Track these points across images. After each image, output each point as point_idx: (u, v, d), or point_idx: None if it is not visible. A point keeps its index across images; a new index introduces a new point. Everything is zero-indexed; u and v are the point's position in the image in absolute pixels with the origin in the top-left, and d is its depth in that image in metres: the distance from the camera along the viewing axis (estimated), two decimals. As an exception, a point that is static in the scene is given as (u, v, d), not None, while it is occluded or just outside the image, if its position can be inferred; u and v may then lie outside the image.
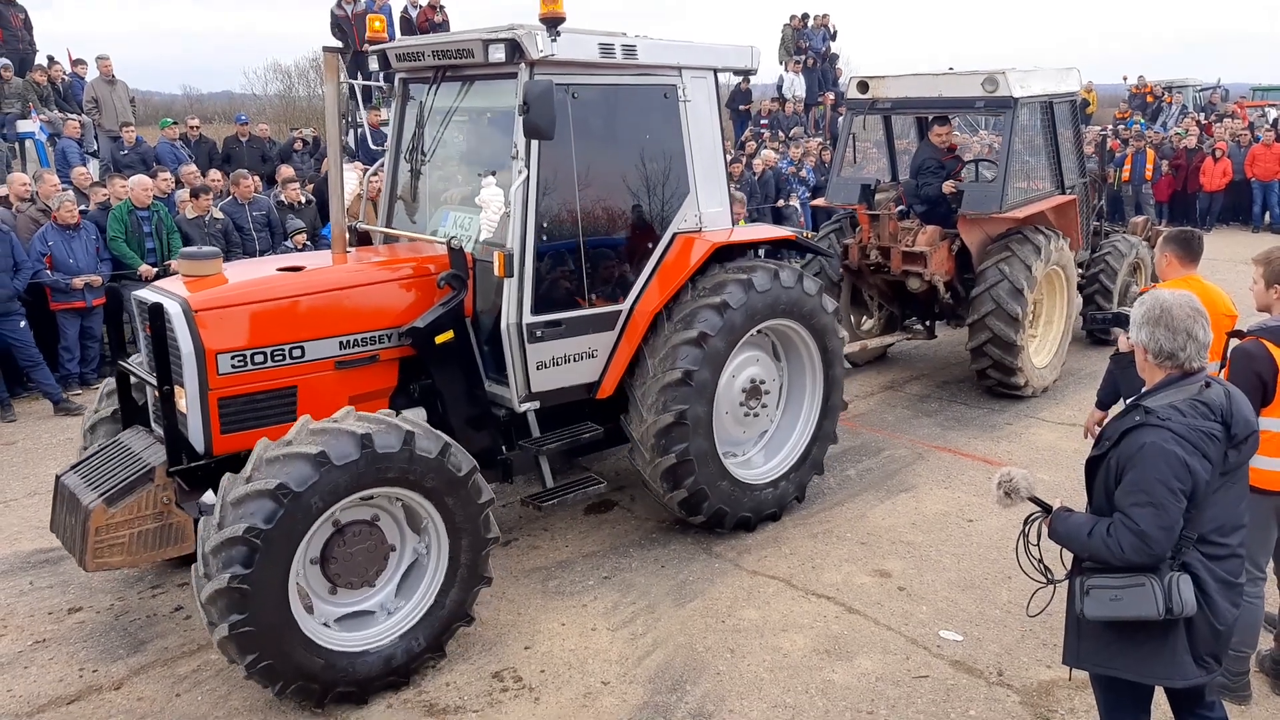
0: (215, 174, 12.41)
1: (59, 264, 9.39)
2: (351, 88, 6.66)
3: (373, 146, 7.55)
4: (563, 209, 5.67)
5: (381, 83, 6.74)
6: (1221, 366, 5.23)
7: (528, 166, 5.37)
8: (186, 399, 4.85)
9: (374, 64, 6.29)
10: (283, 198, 11.54)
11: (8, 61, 14.07)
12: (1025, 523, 3.63)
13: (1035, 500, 3.50)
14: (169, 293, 4.98)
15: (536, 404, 5.73)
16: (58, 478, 5.10)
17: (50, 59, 15.22)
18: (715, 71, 6.34)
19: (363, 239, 6.63)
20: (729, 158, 14.53)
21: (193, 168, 12.01)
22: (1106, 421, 3.44)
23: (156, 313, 4.76)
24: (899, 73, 9.71)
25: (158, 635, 5.34)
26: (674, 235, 6.16)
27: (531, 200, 5.43)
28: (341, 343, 5.24)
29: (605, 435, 6.18)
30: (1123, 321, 4.26)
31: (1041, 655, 5.04)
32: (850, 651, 5.12)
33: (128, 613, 5.58)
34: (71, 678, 4.97)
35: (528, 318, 5.50)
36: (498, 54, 5.31)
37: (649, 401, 5.89)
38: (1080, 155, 10.42)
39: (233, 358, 4.88)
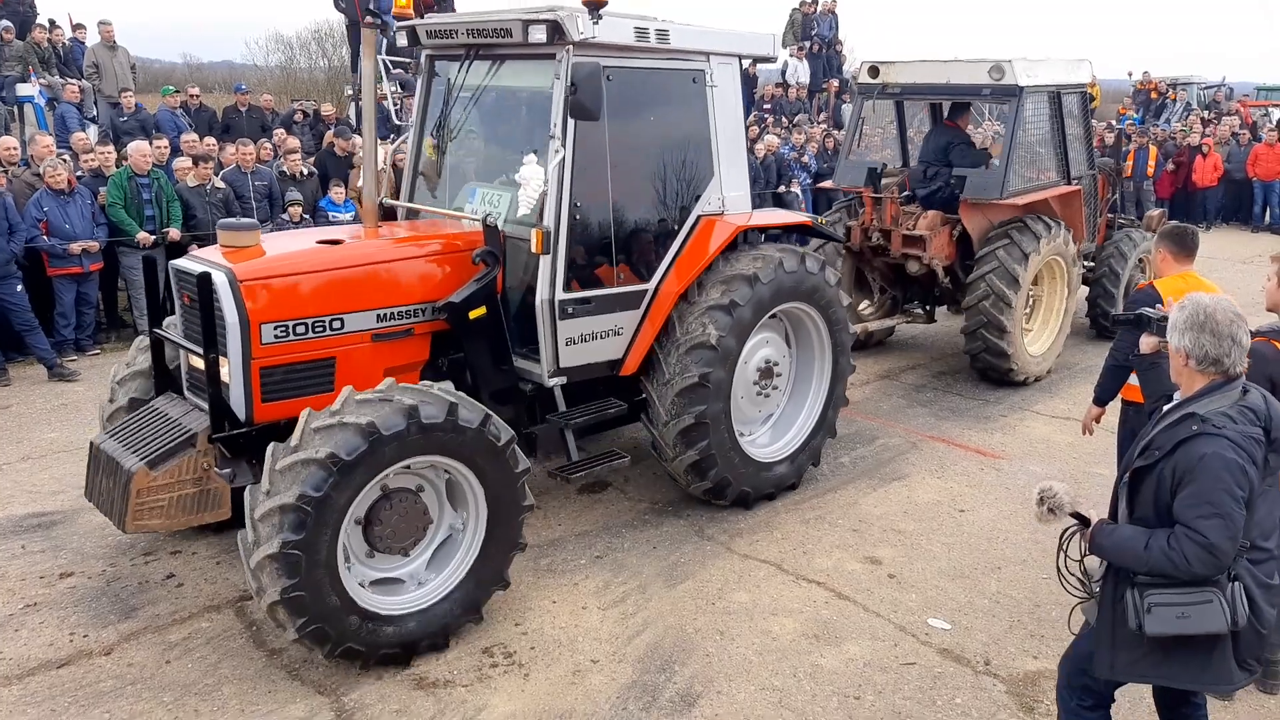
0: (210, 141, 12.37)
1: (55, 229, 9.34)
2: (358, 62, 6.69)
3: (395, 122, 7.62)
4: (595, 189, 5.77)
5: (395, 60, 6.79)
6: None
7: (564, 146, 5.46)
8: (229, 367, 4.91)
9: (401, 40, 6.36)
10: (284, 168, 11.49)
11: (9, 24, 13.94)
12: (1063, 536, 3.52)
13: (1076, 515, 3.41)
14: (212, 263, 5.01)
15: (564, 379, 5.83)
16: (93, 444, 5.13)
17: (51, 22, 15.09)
18: (740, 58, 6.46)
19: (386, 214, 6.70)
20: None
21: (194, 136, 11.92)
22: (1155, 431, 3.31)
23: (205, 282, 4.79)
24: (908, 59, 9.84)
25: (149, 602, 5.35)
26: (698, 218, 6.28)
27: (567, 179, 5.52)
28: (379, 315, 5.33)
29: (629, 411, 6.30)
30: (1146, 323, 4.13)
31: (1029, 646, 5.07)
32: (839, 637, 5.15)
33: (119, 579, 5.59)
34: (62, 642, 4.98)
35: (560, 294, 5.62)
36: (538, 35, 5.38)
37: (673, 361, 6.03)
38: (1089, 147, 10.51)
39: (275, 328, 4.95)
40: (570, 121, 5.43)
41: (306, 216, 11.01)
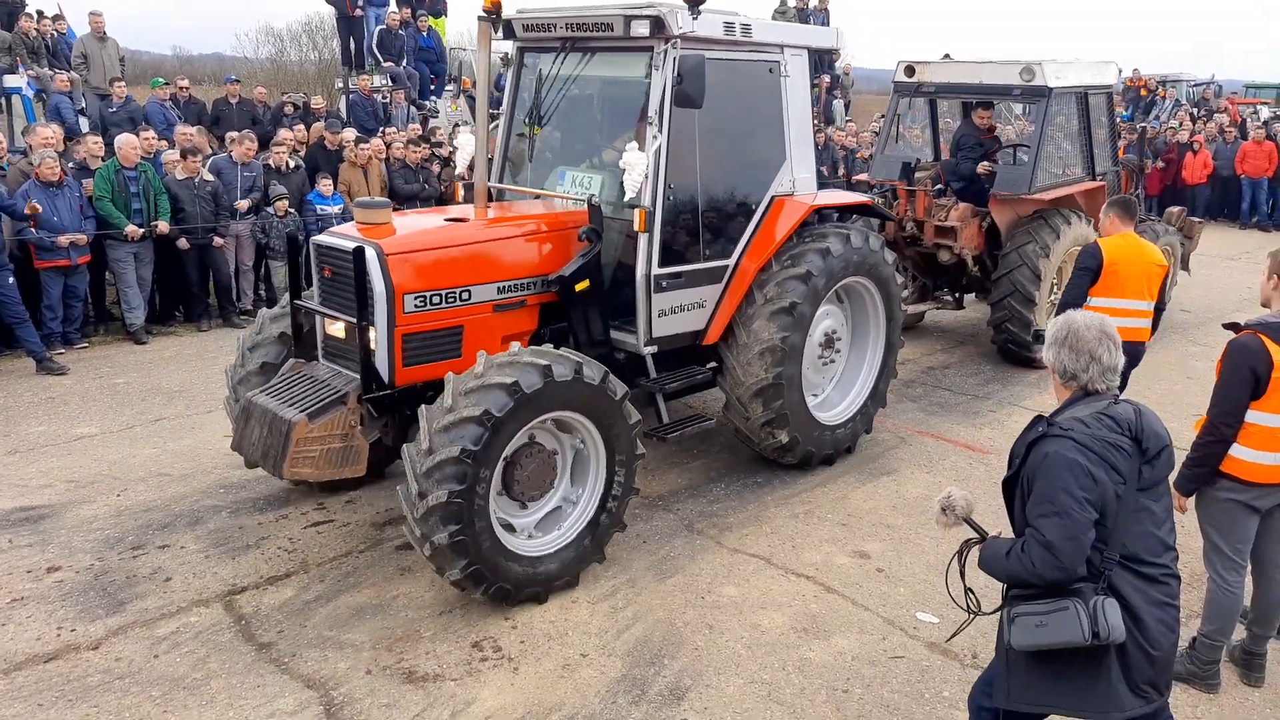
0: (191, 130, 12.23)
1: (43, 222, 9.27)
2: (348, 55, 6.77)
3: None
4: (685, 172, 6.22)
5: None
6: (1159, 307, 6.35)
7: (661, 133, 5.86)
8: (375, 334, 5.32)
9: (498, 33, 6.63)
10: (270, 161, 11.43)
11: (-4, 14, 13.85)
12: (962, 546, 3.53)
13: (971, 523, 3.38)
14: (357, 238, 5.38)
15: (655, 348, 6.29)
16: (249, 398, 5.48)
17: (39, 13, 14.96)
18: (809, 50, 6.90)
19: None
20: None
21: (189, 129, 11.73)
22: (1015, 440, 3.34)
23: (359, 256, 5.18)
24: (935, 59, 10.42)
25: (137, 596, 5.34)
26: (772, 198, 6.76)
27: (663, 164, 5.93)
28: (499, 288, 5.78)
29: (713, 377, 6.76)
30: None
31: (1016, 639, 5.08)
32: (827, 630, 5.17)
33: (107, 573, 5.57)
34: (49, 636, 4.96)
35: (656, 269, 6.07)
36: (641, 29, 5.75)
37: (754, 326, 6.50)
38: (1114, 144, 11.00)
39: (415, 298, 5.38)
40: (668, 110, 5.82)
41: (292, 210, 10.97)
